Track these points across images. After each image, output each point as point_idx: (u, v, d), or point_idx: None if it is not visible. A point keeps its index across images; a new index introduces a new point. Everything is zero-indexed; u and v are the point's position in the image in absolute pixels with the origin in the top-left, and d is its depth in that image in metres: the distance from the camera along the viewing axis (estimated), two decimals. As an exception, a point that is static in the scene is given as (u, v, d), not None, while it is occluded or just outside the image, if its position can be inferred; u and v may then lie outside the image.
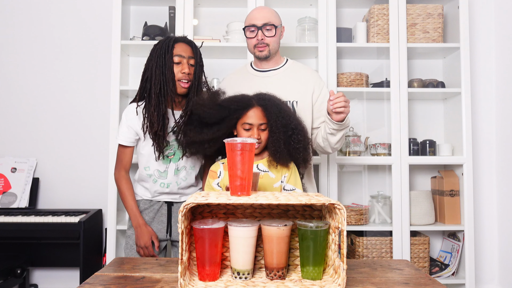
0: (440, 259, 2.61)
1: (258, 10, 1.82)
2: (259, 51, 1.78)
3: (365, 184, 2.70)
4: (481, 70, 2.76)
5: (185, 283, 1.02)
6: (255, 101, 1.48)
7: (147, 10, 2.71)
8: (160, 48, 1.67)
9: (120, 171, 1.76)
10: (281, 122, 1.44)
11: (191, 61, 1.69)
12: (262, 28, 1.75)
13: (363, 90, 2.53)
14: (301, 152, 1.46)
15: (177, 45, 1.68)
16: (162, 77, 1.64)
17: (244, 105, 1.46)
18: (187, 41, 1.73)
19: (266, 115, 1.46)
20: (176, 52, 1.67)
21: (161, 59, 1.66)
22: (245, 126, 1.46)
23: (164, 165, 1.73)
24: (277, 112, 1.45)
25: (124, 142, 1.73)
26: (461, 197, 2.50)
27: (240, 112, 1.46)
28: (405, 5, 2.49)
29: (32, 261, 2.57)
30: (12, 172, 2.61)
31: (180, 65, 1.67)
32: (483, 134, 2.74)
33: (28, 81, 2.74)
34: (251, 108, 1.46)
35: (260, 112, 1.46)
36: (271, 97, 1.51)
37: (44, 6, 2.76)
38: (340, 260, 1.05)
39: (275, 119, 1.44)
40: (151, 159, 1.72)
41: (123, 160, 1.76)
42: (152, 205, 1.78)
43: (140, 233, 1.72)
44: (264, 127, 1.47)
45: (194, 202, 1.02)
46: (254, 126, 1.45)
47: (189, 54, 1.69)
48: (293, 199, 1.06)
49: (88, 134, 2.73)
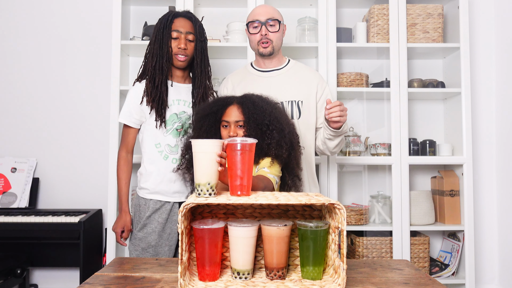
0: (440, 259, 2.61)
1: (261, 7, 1.82)
2: (263, 48, 1.77)
3: (365, 184, 2.70)
4: (481, 70, 2.76)
5: (185, 283, 1.02)
6: (235, 100, 1.49)
7: (147, 10, 2.71)
8: (161, 22, 1.72)
9: (121, 151, 1.79)
10: (254, 118, 1.44)
11: (189, 37, 1.72)
12: (266, 24, 1.75)
13: (363, 90, 2.53)
14: (273, 148, 1.43)
15: (176, 20, 1.72)
16: (159, 50, 1.70)
17: (223, 103, 1.49)
18: (187, 16, 1.75)
19: (243, 112, 1.47)
20: (174, 27, 1.70)
21: (160, 33, 1.70)
22: (223, 123, 1.48)
23: (174, 138, 1.74)
24: (251, 109, 1.45)
25: (126, 120, 1.75)
26: (461, 197, 2.50)
27: (220, 111, 1.49)
28: (405, 5, 2.49)
29: (32, 261, 2.57)
30: (12, 172, 2.61)
31: (177, 40, 1.71)
32: (483, 134, 2.74)
33: (28, 81, 2.74)
34: (228, 106, 1.48)
35: (237, 110, 1.47)
36: (253, 95, 1.51)
37: (44, 6, 2.76)
38: (340, 260, 1.05)
39: (248, 116, 1.45)
40: (159, 132, 1.72)
41: (125, 140, 1.78)
42: (163, 205, 1.75)
43: (119, 218, 1.77)
44: (241, 124, 1.47)
45: (194, 202, 1.02)
46: (231, 123, 1.46)
47: (188, 30, 1.72)
48: (293, 199, 1.06)
49: (88, 134, 2.73)
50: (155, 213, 1.74)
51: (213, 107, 1.50)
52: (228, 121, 1.47)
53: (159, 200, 1.75)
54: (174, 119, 1.74)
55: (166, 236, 1.75)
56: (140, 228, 1.74)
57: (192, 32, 1.73)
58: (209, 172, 1.09)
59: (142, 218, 1.75)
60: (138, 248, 1.74)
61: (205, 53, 1.79)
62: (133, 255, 1.74)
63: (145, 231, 1.73)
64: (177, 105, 1.76)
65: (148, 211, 1.74)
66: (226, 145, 1.12)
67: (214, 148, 1.09)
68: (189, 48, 1.73)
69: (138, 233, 1.74)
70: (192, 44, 1.74)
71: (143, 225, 1.74)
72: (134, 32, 2.69)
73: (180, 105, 1.77)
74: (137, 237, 1.75)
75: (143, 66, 1.78)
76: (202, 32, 1.77)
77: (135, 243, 1.75)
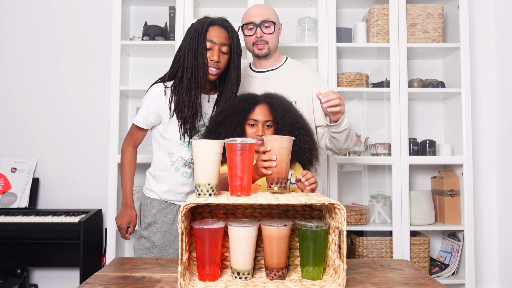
0: (440, 259, 2.61)
1: (255, 8, 1.80)
2: (258, 49, 1.76)
3: (365, 184, 2.70)
4: (481, 70, 2.76)
5: (185, 283, 1.02)
6: (261, 99, 1.48)
7: (147, 10, 2.71)
8: (195, 30, 1.58)
9: (128, 145, 1.72)
10: (287, 121, 1.43)
11: (223, 48, 1.60)
12: (261, 25, 1.73)
13: (363, 90, 2.53)
14: (307, 152, 1.44)
15: (211, 29, 1.59)
16: (195, 61, 1.56)
17: (252, 101, 1.46)
18: (223, 25, 1.62)
19: (272, 113, 1.45)
20: (209, 36, 1.57)
21: (194, 42, 1.57)
22: (250, 122, 1.45)
23: (188, 152, 1.66)
24: (283, 110, 1.44)
25: (141, 124, 1.66)
26: (461, 197, 2.50)
27: (249, 109, 1.45)
28: (405, 5, 2.49)
29: (32, 261, 2.57)
30: (12, 172, 2.61)
31: (211, 51, 1.58)
32: (483, 134, 2.74)
33: (28, 81, 2.74)
34: (257, 105, 1.46)
35: (266, 109, 1.45)
36: (278, 96, 1.51)
37: (44, 6, 2.76)
38: (340, 260, 1.05)
39: (281, 117, 1.43)
40: (175, 144, 1.65)
41: (134, 137, 1.71)
42: (169, 205, 1.72)
43: (123, 212, 1.74)
44: (269, 124, 1.45)
45: (194, 202, 1.02)
46: (259, 123, 1.44)
47: (222, 41, 1.59)
48: (293, 199, 1.06)
49: (88, 134, 2.73)
50: (160, 212, 1.70)
51: (242, 105, 1.45)
52: (256, 120, 1.44)
53: (165, 200, 1.72)
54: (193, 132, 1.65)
55: (172, 238, 1.71)
56: (145, 227, 1.71)
57: (226, 44, 1.60)
58: (210, 173, 1.09)
59: (146, 216, 1.72)
60: (143, 247, 1.71)
61: (239, 65, 1.67)
62: (137, 254, 1.72)
63: (150, 230, 1.70)
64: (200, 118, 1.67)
65: (154, 209, 1.71)
66: (226, 145, 1.12)
67: (214, 149, 1.09)
68: (222, 61, 1.60)
69: (143, 232, 1.71)
70: (225, 56, 1.61)
71: (148, 224, 1.70)
72: (134, 32, 2.69)
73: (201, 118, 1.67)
74: (143, 235, 1.71)
75: (171, 72, 1.64)
76: (238, 44, 1.64)
77: (141, 241, 1.72)
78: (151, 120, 1.66)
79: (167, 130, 1.65)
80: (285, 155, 1.15)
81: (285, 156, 1.16)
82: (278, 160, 1.14)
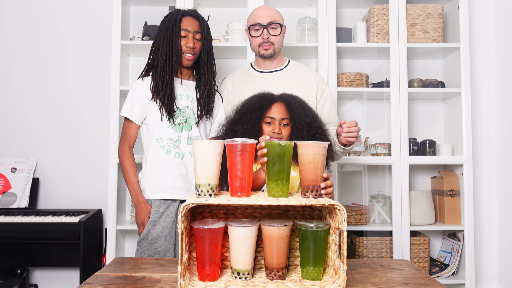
0: (440, 259, 2.61)
1: (262, 9, 1.81)
2: (264, 50, 1.78)
3: (365, 184, 2.70)
4: (481, 70, 2.76)
5: (185, 283, 1.02)
6: (278, 97, 1.49)
7: (147, 10, 2.71)
8: (168, 21, 1.74)
9: (124, 147, 1.78)
10: (304, 119, 1.44)
11: (196, 36, 1.75)
12: (268, 27, 1.76)
13: (363, 90, 2.53)
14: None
15: (184, 19, 1.74)
16: (169, 48, 1.71)
17: (269, 99, 1.47)
18: (194, 15, 1.78)
19: (289, 111, 1.46)
20: (183, 26, 1.73)
21: (168, 31, 1.72)
22: (267, 120, 1.45)
23: (176, 133, 1.74)
24: (300, 110, 1.45)
25: (127, 114, 1.75)
26: (461, 197, 2.50)
27: (266, 107, 1.46)
28: (405, 5, 2.49)
29: (32, 261, 2.57)
30: (12, 172, 2.61)
31: (186, 39, 1.73)
32: (483, 134, 2.74)
33: (28, 81, 2.74)
34: (274, 103, 1.47)
35: (283, 108, 1.46)
36: (294, 95, 1.52)
37: (44, 6, 2.76)
38: (340, 261, 1.05)
39: (298, 115, 1.44)
40: (163, 127, 1.73)
41: (127, 135, 1.78)
42: (168, 207, 1.72)
43: (139, 209, 1.74)
44: (286, 123, 1.46)
45: (194, 202, 1.02)
46: (276, 121, 1.45)
47: (195, 29, 1.75)
48: (293, 200, 1.06)
49: (88, 134, 2.73)
50: (160, 218, 1.70)
51: (259, 102, 1.47)
52: (273, 118, 1.45)
53: (163, 199, 1.72)
54: (177, 114, 1.75)
55: (173, 242, 1.71)
56: (146, 232, 1.70)
57: (199, 31, 1.76)
58: (210, 173, 1.09)
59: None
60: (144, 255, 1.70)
61: (211, 51, 1.82)
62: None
63: (151, 236, 1.69)
64: (180, 100, 1.77)
65: (152, 216, 1.70)
66: (226, 145, 1.12)
67: (214, 149, 1.09)
68: (197, 47, 1.76)
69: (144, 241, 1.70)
70: (199, 43, 1.77)
71: (148, 231, 1.69)
72: (134, 32, 2.69)
73: (183, 99, 1.78)
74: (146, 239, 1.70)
75: (149, 64, 1.78)
76: (208, 31, 1.81)
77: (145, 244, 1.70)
78: (136, 111, 1.75)
79: (152, 116, 1.74)
80: (320, 162, 1.12)
81: (320, 163, 1.12)
82: (313, 167, 1.11)
